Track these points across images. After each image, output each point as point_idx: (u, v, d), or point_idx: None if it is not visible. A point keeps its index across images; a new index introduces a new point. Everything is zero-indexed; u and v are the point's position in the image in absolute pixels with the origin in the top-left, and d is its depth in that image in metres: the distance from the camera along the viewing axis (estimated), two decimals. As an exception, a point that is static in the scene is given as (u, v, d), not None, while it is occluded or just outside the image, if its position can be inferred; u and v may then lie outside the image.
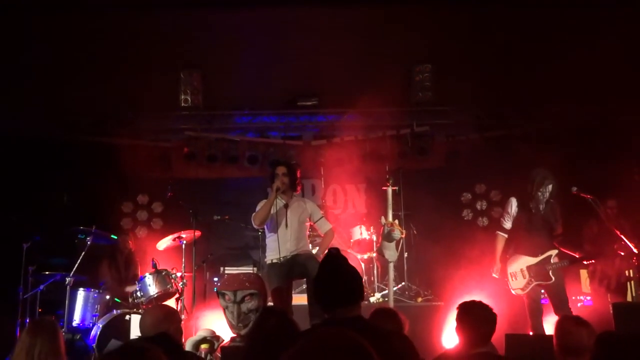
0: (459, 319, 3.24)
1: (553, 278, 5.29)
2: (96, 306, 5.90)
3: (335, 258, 2.51)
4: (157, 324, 3.12)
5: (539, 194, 5.38)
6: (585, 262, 5.61)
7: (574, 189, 5.42)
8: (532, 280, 5.34)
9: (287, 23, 7.42)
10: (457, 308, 3.29)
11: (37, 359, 2.98)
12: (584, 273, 6.97)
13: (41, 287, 6.04)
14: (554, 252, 5.36)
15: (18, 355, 3.02)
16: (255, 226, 5.38)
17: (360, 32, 7.33)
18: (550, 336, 4.17)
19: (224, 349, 4.41)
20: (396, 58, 7.92)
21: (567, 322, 3.32)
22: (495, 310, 3.31)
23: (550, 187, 5.38)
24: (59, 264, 6.54)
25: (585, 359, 2.95)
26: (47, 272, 6.15)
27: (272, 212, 5.07)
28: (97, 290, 6.02)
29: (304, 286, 6.56)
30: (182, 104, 8.36)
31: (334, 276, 2.47)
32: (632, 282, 6.24)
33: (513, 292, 5.49)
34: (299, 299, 5.75)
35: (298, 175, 5.33)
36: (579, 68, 6.58)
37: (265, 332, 2.68)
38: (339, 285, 2.44)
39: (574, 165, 6.74)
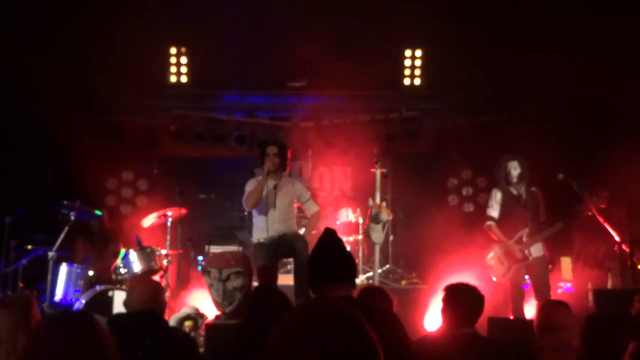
0: (446, 299, 3.26)
1: (530, 257, 5.29)
2: (79, 282, 5.85)
3: (331, 237, 2.52)
4: (143, 300, 3.10)
5: (505, 172, 5.40)
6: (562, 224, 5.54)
7: (560, 175, 5.46)
8: (511, 264, 5.38)
9: (276, 3, 7.34)
10: (444, 289, 3.30)
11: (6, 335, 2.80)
12: (564, 260, 7.08)
13: (23, 261, 5.97)
14: (524, 230, 5.33)
15: None
16: (247, 209, 5.36)
17: (351, 15, 7.28)
18: (530, 320, 4.25)
19: (208, 327, 4.40)
20: (386, 42, 7.90)
21: (547, 305, 3.44)
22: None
23: (513, 163, 5.38)
24: (41, 240, 6.46)
25: (563, 335, 3.06)
26: (29, 247, 6.07)
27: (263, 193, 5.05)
28: (80, 266, 5.96)
29: (289, 267, 6.61)
30: (170, 82, 8.27)
31: (328, 253, 2.48)
32: (611, 271, 6.37)
33: (495, 279, 5.54)
34: (284, 279, 5.78)
35: (289, 156, 5.31)
36: (569, 53, 6.58)
37: (268, 310, 2.67)
38: (333, 262, 2.45)
39: (564, 153, 6.78)
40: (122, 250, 5.91)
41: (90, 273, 6.04)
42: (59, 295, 5.80)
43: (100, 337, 1.88)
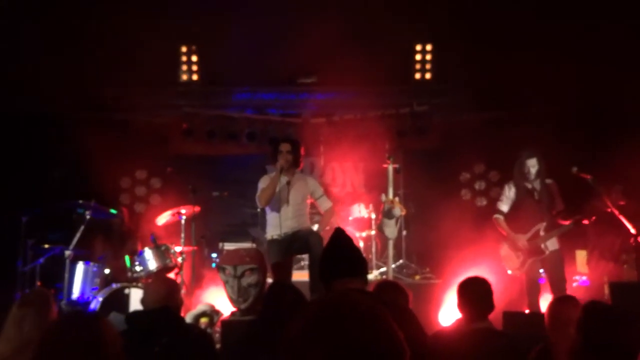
0: (459, 294, 3.27)
1: (546, 251, 5.30)
2: (95, 280, 5.92)
3: (340, 234, 2.57)
4: (159, 297, 3.14)
5: (524, 169, 5.40)
6: (584, 222, 5.53)
7: (575, 169, 5.43)
8: (526, 257, 5.37)
9: (287, 2, 7.34)
10: (458, 285, 3.32)
11: (26, 332, 2.90)
12: (580, 254, 7.03)
13: (40, 260, 6.04)
14: (542, 224, 5.34)
15: (8, 329, 2.98)
16: (260, 206, 5.38)
17: (360, 10, 7.26)
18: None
19: (223, 323, 4.44)
20: (397, 36, 7.85)
21: (556, 302, 3.41)
22: (493, 287, 3.34)
23: (531, 160, 5.38)
24: (57, 238, 6.53)
25: (572, 329, 3.05)
26: (46, 246, 6.15)
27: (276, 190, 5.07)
28: (96, 264, 6.02)
29: (302, 263, 6.63)
30: (181, 80, 8.31)
31: (338, 249, 2.52)
32: (627, 264, 6.31)
33: (510, 272, 5.53)
34: (298, 275, 5.80)
35: (302, 152, 5.32)
36: (581, 47, 6.53)
37: (283, 307, 2.71)
38: (343, 257, 2.49)
39: (577, 147, 6.73)
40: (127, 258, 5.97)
41: (107, 271, 6.10)
42: (76, 293, 5.88)
43: (105, 338, 1.91)
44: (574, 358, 1.92)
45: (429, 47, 8.29)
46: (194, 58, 8.32)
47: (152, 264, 5.83)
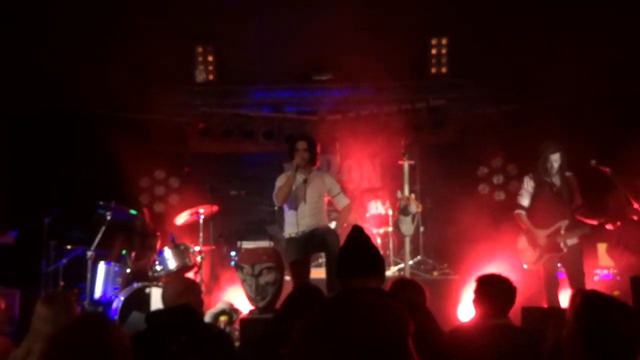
0: (477, 291, 3.25)
1: (564, 249, 5.26)
2: (117, 279, 6.01)
3: (357, 232, 2.58)
4: (178, 296, 3.18)
5: (547, 165, 5.35)
6: (608, 227, 5.50)
7: (593, 161, 5.37)
8: (544, 253, 5.32)
9: None
10: (476, 280, 3.30)
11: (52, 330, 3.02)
12: (601, 247, 6.93)
13: (63, 260, 6.15)
14: (564, 222, 5.30)
15: (39, 326, 3.07)
16: (277, 204, 5.41)
17: (375, 5, 7.22)
18: (565, 309, 4.20)
19: (242, 321, 4.49)
20: (411, 31, 7.81)
21: (576, 295, 3.37)
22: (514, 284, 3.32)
23: (555, 156, 5.33)
24: (78, 238, 6.65)
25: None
26: (68, 247, 6.25)
27: (292, 188, 5.09)
28: (118, 264, 6.12)
29: (320, 260, 6.65)
30: (197, 80, 8.37)
31: (356, 247, 2.53)
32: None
33: (525, 266, 5.49)
34: (316, 273, 5.82)
35: (318, 150, 5.33)
36: (600, 36, 6.42)
37: (301, 305, 2.73)
38: (359, 256, 2.50)
39: (596, 139, 6.63)
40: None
41: (127, 270, 6.19)
42: (98, 293, 5.98)
43: (114, 344, 1.95)
44: (567, 344, 1.91)
45: (444, 41, 8.22)
46: (210, 58, 8.37)
47: (172, 263, 5.90)
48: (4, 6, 6.56)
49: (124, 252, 6.43)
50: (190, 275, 6.06)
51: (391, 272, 6.71)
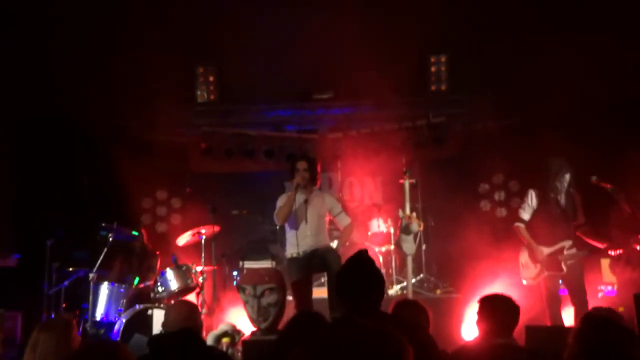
0: (480, 311, 3.25)
1: (565, 269, 5.21)
2: (121, 301, 5.97)
3: (360, 257, 2.59)
4: (180, 320, 3.18)
5: (557, 184, 5.31)
6: (610, 253, 5.49)
7: (594, 178, 5.36)
8: (544, 270, 5.29)
9: (298, 16, 7.43)
10: (479, 301, 3.29)
11: (39, 357, 2.99)
12: (604, 262, 6.89)
13: (65, 282, 6.14)
14: (568, 242, 5.26)
15: (27, 352, 3.07)
16: (277, 224, 5.41)
17: (373, 24, 7.30)
18: (569, 327, 4.16)
19: (245, 343, 4.47)
20: (410, 49, 7.88)
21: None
22: (517, 303, 3.31)
23: (567, 176, 5.32)
24: (81, 258, 6.64)
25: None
26: (70, 269, 6.25)
27: (293, 208, 5.10)
28: (122, 285, 6.09)
29: (323, 279, 6.63)
30: (198, 100, 8.43)
31: (355, 273, 2.54)
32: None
33: (524, 281, 5.45)
34: (318, 292, 5.80)
35: (319, 169, 5.35)
36: (601, 49, 6.44)
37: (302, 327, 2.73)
38: (359, 281, 2.50)
39: (597, 154, 6.63)
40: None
41: (132, 292, 6.16)
42: (100, 314, 5.96)
43: None
44: None
45: (443, 59, 8.29)
46: (211, 78, 8.45)
47: (174, 284, 5.89)
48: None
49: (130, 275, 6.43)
50: (192, 296, 6.04)
51: (394, 290, 6.69)
